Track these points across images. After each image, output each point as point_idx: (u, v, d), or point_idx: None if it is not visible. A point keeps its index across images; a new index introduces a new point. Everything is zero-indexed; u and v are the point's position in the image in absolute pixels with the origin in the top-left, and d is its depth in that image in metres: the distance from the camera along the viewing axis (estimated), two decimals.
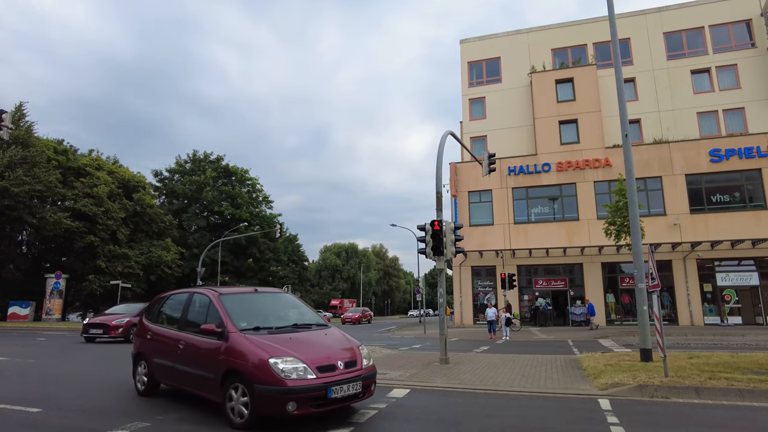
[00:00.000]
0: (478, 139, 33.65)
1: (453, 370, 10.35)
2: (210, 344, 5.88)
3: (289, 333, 6.00)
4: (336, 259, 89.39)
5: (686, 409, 6.67)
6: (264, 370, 5.17)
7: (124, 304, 24.31)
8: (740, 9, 31.05)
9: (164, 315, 7.48)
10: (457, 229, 11.91)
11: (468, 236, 30.18)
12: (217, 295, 6.47)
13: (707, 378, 7.93)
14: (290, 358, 5.29)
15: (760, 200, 26.48)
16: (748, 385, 7.29)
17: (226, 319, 5.92)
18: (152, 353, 7.11)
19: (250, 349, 5.44)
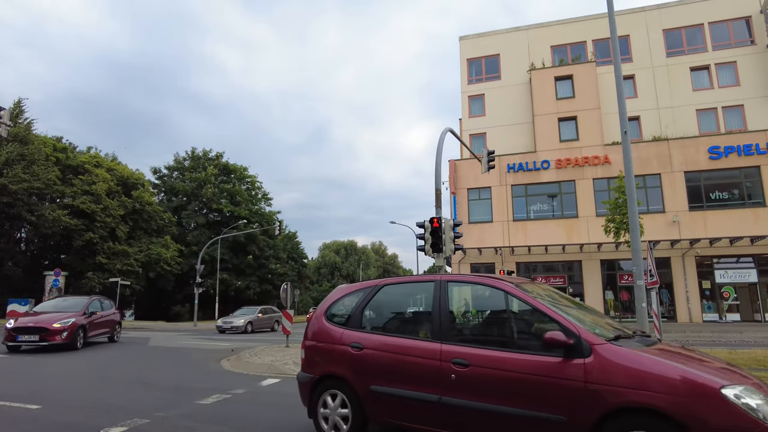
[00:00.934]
0: (477, 137, 33.63)
1: None
2: (546, 364, 3.73)
3: (645, 344, 3.92)
4: (335, 257, 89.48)
5: None
6: (721, 407, 3.11)
7: (58, 298, 17.88)
8: (740, 6, 31.00)
9: (388, 317, 5.12)
10: (455, 227, 11.93)
11: (467, 233, 30.20)
12: (514, 286, 4.33)
13: None
14: (740, 386, 3.26)
15: (759, 197, 26.50)
16: None
17: (569, 322, 3.82)
18: (369, 377, 4.63)
19: (660, 369, 3.39)
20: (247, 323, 26.15)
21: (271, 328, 28.83)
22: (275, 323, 29.07)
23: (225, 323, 26.18)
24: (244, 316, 26.91)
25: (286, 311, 14.65)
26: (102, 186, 39.19)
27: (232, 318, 26.94)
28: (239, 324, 25.74)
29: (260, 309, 29.03)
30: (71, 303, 15.34)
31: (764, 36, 29.81)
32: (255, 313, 28.04)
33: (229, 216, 49.80)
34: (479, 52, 35.01)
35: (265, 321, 28.63)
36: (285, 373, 9.72)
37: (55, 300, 16.90)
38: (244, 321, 26.09)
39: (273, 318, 29.34)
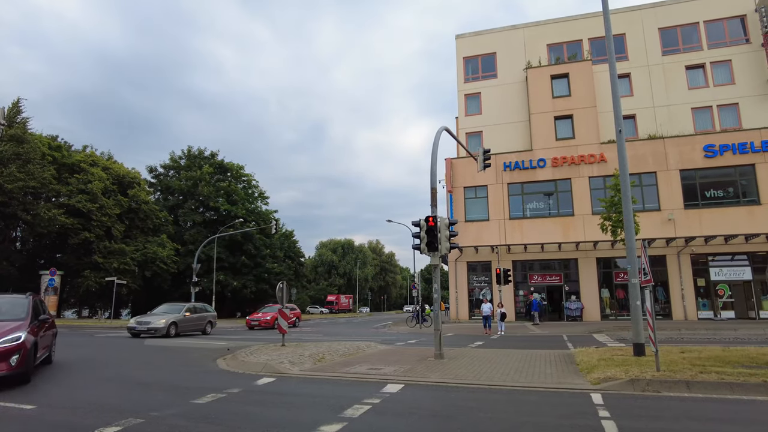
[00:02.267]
0: (473, 135, 33.67)
1: (448, 365, 10.41)
2: None
3: None
4: (332, 255, 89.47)
5: (677, 402, 6.74)
6: None
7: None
8: (735, 4, 31.11)
9: None
10: (451, 225, 11.95)
11: (464, 232, 30.26)
12: None
13: (698, 372, 8.01)
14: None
15: (753, 195, 26.64)
16: (738, 379, 7.37)
17: None
18: None
19: None
20: (170, 324, 20.72)
21: (202, 331, 23.09)
22: (207, 325, 23.69)
23: (140, 324, 20.62)
24: (166, 315, 21.37)
25: (282, 310, 14.65)
26: (98, 185, 39.05)
27: (151, 318, 21.23)
28: (159, 326, 20.31)
29: (187, 307, 23.20)
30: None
31: (759, 34, 29.93)
32: (180, 311, 22.30)
33: (225, 215, 49.69)
34: (476, 50, 35.02)
35: (194, 322, 22.89)
36: (280, 372, 9.74)
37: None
38: (165, 322, 20.60)
39: (205, 318, 23.71)
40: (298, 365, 10.54)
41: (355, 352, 13.05)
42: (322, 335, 23.17)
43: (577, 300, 28.41)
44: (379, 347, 14.68)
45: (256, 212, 53.87)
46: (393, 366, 10.31)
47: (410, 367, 10.17)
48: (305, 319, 49.68)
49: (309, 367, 10.33)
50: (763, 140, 26.73)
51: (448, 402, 7.07)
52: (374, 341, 17.24)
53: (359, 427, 5.47)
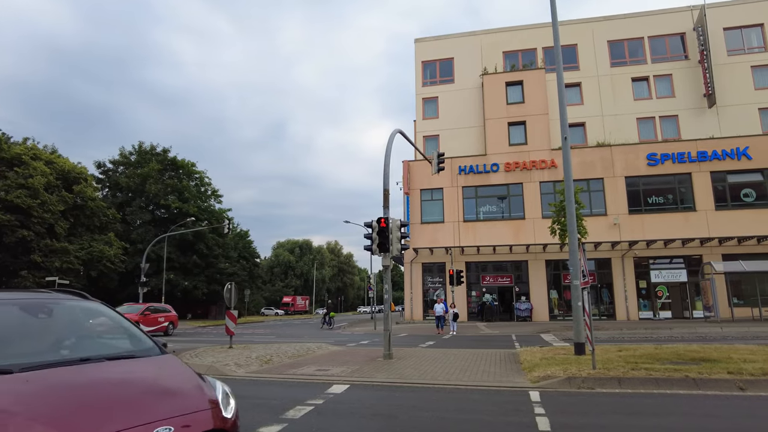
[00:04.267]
0: (431, 138, 34.10)
1: (395, 365, 10.50)
2: None
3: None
4: (289, 256, 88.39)
5: (607, 398, 7.07)
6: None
7: None
8: (676, 23, 32.92)
9: None
10: (403, 227, 12.06)
11: (420, 233, 30.60)
12: None
13: (630, 369, 8.42)
14: None
15: (690, 202, 28.24)
16: (663, 375, 7.80)
17: None
18: None
19: None
20: None
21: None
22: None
23: None
24: None
25: (230, 311, 14.36)
26: (39, 180, 36.99)
27: None
28: None
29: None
30: None
31: (696, 52, 31.76)
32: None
33: (176, 213, 48.21)
34: (434, 54, 35.50)
35: None
36: (225, 374, 9.55)
37: None
38: None
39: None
40: (244, 367, 10.37)
41: (304, 353, 12.95)
42: (274, 337, 22.87)
43: (526, 301, 29.25)
44: (330, 348, 14.63)
45: (209, 211, 52.55)
46: (341, 367, 10.30)
47: (358, 367, 10.19)
48: (257, 321, 48.88)
49: (255, 369, 10.19)
50: (698, 151, 28.37)
51: (392, 401, 7.14)
52: (327, 342, 17.17)
53: (299, 428, 5.45)
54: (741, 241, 26.98)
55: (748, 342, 14.17)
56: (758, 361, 8.78)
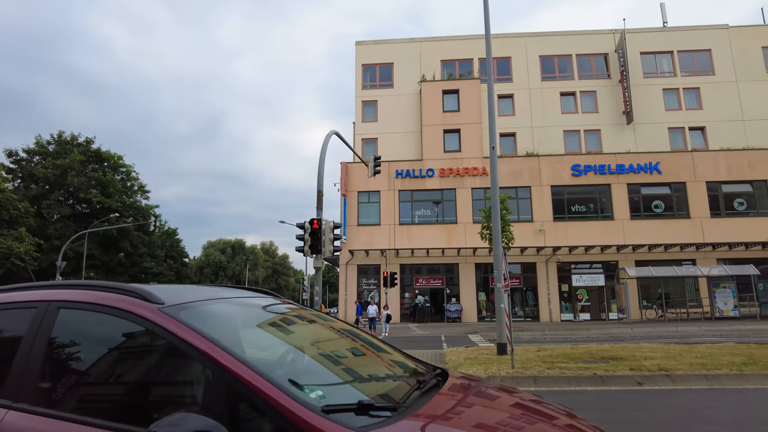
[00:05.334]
0: (369, 141, 34.33)
1: None
2: None
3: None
4: (221, 256, 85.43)
5: None
6: None
7: None
8: (600, 44, 35.25)
9: None
10: (336, 228, 12.08)
11: (356, 235, 30.70)
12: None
13: (545, 368, 8.93)
14: None
15: (609, 212, 30.31)
16: (575, 373, 8.35)
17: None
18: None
19: None
20: None
21: None
22: None
23: None
24: None
25: None
26: None
27: None
28: None
29: None
30: None
31: (617, 72, 34.16)
32: None
33: (99, 208, 45.30)
34: (374, 58, 35.79)
35: None
36: None
37: None
38: None
39: None
40: None
41: None
42: None
43: (456, 302, 30.12)
44: None
45: (135, 207, 49.83)
46: None
47: None
48: None
49: None
50: (617, 164, 30.54)
51: None
52: None
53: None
54: (651, 248, 29.28)
55: (652, 341, 15.40)
56: (656, 358, 9.60)
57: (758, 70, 33.71)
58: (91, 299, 2.10)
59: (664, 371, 8.25)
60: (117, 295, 2.09)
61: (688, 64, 34.51)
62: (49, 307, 2.10)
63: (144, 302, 2.02)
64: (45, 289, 2.25)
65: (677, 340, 15.45)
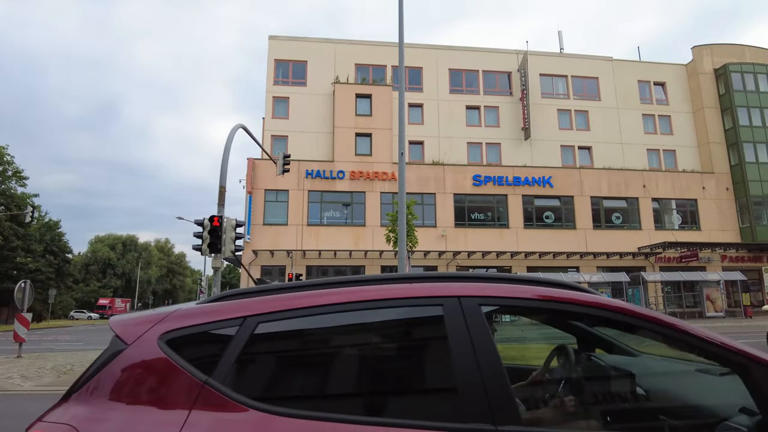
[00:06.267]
0: (279, 138, 33.52)
1: None
2: None
3: None
4: (110, 252, 78.61)
5: None
6: None
7: None
8: (505, 62, 37.56)
9: None
10: (239, 226, 11.61)
11: (261, 235, 29.81)
12: None
13: None
14: None
15: (505, 220, 32.33)
16: None
17: None
18: None
19: None
20: None
21: None
22: None
23: None
24: None
25: (21, 315, 12.20)
26: None
27: None
28: None
29: None
30: None
31: (519, 91, 36.62)
32: None
33: None
34: (288, 55, 35.08)
35: None
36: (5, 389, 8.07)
37: None
38: None
39: None
40: (34, 380, 8.90)
41: None
42: (82, 344, 20.08)
43: None
44: None
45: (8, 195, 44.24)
46: None
47: None
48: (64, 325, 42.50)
49: (49, 382, 8.82)
50: (514, 176, 32.70)
51: None
52: None
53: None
54: (541, 255, 31.67)
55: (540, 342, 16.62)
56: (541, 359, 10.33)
57: (634, 100, 37.95)
58: (515, 294, 1.91)
59: None
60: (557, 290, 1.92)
61: (579, 88, 37.92)
62: (467, 302, 1.82)
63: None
64: (454, 281, 1.98)
65: None
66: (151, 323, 1.80)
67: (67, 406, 1.67)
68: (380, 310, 1.90)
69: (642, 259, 32.57)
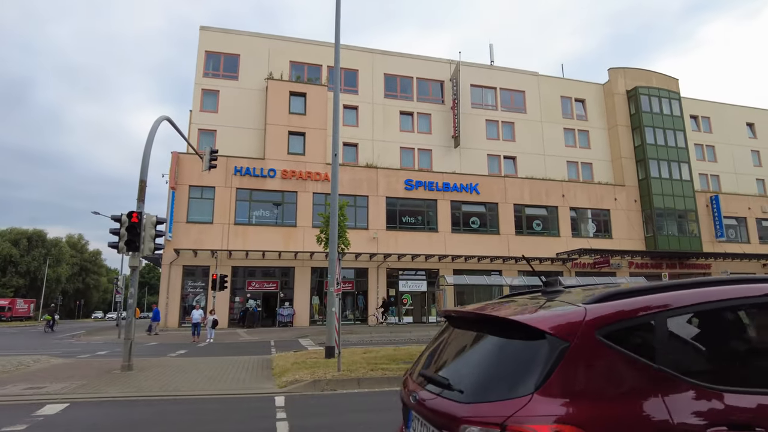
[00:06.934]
0: (207, 133, 32.18)
1: (135, 377, 9.41)
2: None
3: None
4: (12, 248, 71.52)
5: (347, 398, 7.64)
6: None
7: None
8: (438, 71, 38.53)
9: None
10: (159, 224, 11.02)
11: (184, 233, 28.47)
12: None
13: (369, 370, 9.29)
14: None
15: (434, 224, 33.12)
16: (396, 374, 8.84)
17: None
18: None
19: None
20: None
21: None
22: None
23: None
24: None
25: None
26: None
27: None
28: None
29: None
30: None
31: (450, 99, 37.71)
32: None
33: None
34: (220, 47, 33.82)
35: None
36: None
37: None
38: None
39: None
40: None
41: (12, 369, 10.58)
42: None
43: (290, 306, 29.79)
44: (53, 361, 12.30)
45: None
46: (62, 383, 8.73)
47: (85, 382, 8.79)
48: None
49: None
50: (444, 182, 33.59)
51: (120, 418, 6.35)
52: (50, 354, 14.40)
53: None
54: (467, 259, 32.74)
55: None
56: None
57: (557, 115, 40.34)
58: None
59: None
60: None
61: (507, 100, 39.69)
62: None
63: None
64: None
65: None
66: (577, 321, 1.96)
67: (536, 405, 1.78)
68: None
69: (560, 264, 34.61)
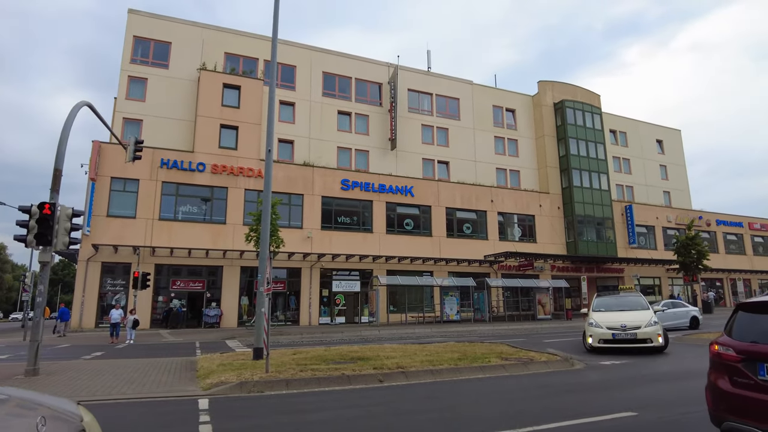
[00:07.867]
0: (132, 122, 30.38)
1: (40, 382, 8.69)
2: None
3: None
4: None
5: (275, 400, 7.49)
6: None
7: None
8: (377, 73, 38.81)
9: None
10: (75, 216, 10.26)
11: (104, 227, 26.74)
12: None
13: (298, 371, 9.17)
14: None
15: (369, 225, 33.30)
16: (326, 374, 8.80)
17: None
18: None
19: None
20: None
21: None
22: None
23: None
24: None
25: None
26: None
27: None
28: None
29: None
30: None
31: (388, 102, 38.10)
32: None
33: None
34: (149, 33, 32.07)
35: None
36: None
37: None
38: None
39: None
40: None
41: None
42: None
43: (216, 307, 28.73)
44: None
45: None
46: None
47: None
48: None
49: None
50: (380, 183, 33.87)
51: None
52: None
53: None
54: (400, 260, 33.19)
55: (394, 342, 17.37)
56: (396, 357, 10.83)
57: (488, 123, 41.93)
58: None
59: (401, 369, 9.35)
60: None
61: (442, 107, 40.70)
62: None
63: None
64: None
65: (414, 341, 17.81)
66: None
67: None
68: None
69: (487, 267, 35.96)
